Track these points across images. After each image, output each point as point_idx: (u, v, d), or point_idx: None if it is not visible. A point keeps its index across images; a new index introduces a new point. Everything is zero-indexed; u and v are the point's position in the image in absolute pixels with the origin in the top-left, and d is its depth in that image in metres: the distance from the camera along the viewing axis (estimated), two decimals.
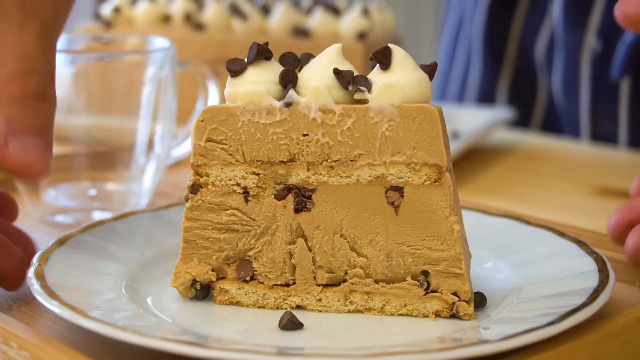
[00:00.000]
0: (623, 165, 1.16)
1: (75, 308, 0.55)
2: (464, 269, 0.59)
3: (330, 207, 0.61)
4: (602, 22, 1.22)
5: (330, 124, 0.60)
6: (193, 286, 0.63)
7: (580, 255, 0.64)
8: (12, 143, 0.62)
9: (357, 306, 0.61)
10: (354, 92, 0.60)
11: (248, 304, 0.63)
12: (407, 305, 0.60)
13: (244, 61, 0.61)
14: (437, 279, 0.60)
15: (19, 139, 0.62)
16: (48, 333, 0.58)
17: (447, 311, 0.59)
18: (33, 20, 0.64)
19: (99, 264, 0.65)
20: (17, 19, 0.64)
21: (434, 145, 0.58)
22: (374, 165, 0.60)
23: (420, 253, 0.60)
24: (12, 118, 0.62)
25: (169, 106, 0.86)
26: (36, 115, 0.64)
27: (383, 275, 0.61)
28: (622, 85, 1.22)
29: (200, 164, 0.62)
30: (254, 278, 0.63)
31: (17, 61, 0.63)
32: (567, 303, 0.56)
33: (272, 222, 0.62)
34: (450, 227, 0.59)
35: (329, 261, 0.61)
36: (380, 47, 0.60)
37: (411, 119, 0.59)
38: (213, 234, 0.63)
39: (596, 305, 0.55)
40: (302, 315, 0.60)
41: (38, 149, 0.63)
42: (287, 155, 0.61)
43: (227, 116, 0.61)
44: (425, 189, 0.59)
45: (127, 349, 0.56)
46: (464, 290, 0.59)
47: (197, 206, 0.62)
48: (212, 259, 0.63)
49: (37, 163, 0.63)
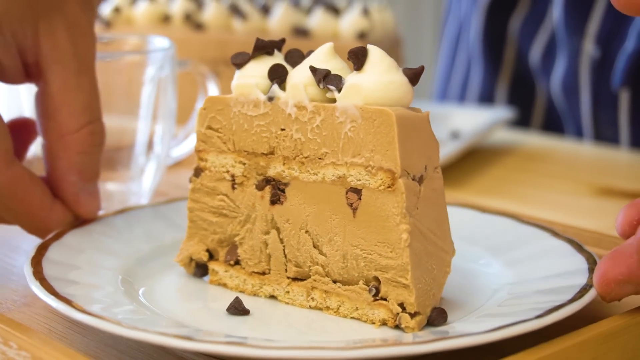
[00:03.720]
0: (624, 166, 1.16)
1: (69, 301, 0.55)
2: (410, 280, 0.57)
3: (299, 202, 0.61)
4: (600, 29, 1.22)
5: (302, 121, 0.60)
6: (190, 263, 0.66)
7: (571, 254, 0.64)
8: (82, 193, 0.68)
9: (317, 303, 0.61)
10: (327, 91, 0.60)
11: (231, 287, 0.65)
12: (358, 309, 0.60)
13: (247, 55, 0.63)
14: (386, 286, 0.58)
15: (86, 189, 0.68)
16: (48, 333, 0.58)
17: (392, 321, 0.58)
18: (86, 67, 0.68)
19: (96, 258, 0.66)
20: (74, 67, 0.67)
21: (389, 150, 0.57)
22: (337, 165, 0.59)
23: (372, 258, 0.58)
24: (84, 170, 0.68)
25: (169, 106, 0.86)
26: (98, 160, 0.69)
27: (339, 276, 0.60)
28: (622, 95, 1.22)
29: (201, 150, 0.65)
30: (238, 263, 0.65)
31: (83, 111, 0.67)
32: (556, 299, 0.56)
33: (253, 211, 0.63)
34: (399, 235, 0.57)
35: (296, 255, 0.62)
36: (356, 47, 0.59)
37: (371, 121, 0.57)
38: (209, 217, 0.65)
39: (583, 301, 0.55)
40: (273, 305, 0.62)
41: (98, 194, 0.70)
42: (267, 148, 0.62)
43: (223, 106, 0.63)
44: (380, 194, 0.57)
45: (126, 349, 0.56)
46: (409, 302, 0.57)
47: (197, 189, 0.66)
48: (208, 240, 0.66)
49: (99, 206, 0.70)
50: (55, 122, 0.67)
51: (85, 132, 0.67)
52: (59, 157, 0.68)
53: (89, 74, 0.68)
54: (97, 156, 0.69)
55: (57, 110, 0.67)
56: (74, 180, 0.68)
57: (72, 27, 0.67)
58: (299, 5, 1.28)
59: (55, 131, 0.67)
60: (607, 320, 0.55)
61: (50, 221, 0.67)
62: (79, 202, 0.68)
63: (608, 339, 0.54)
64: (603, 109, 1.25)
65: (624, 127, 1.24)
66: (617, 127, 1.24)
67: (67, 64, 0.67)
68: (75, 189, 0.68)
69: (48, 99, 0.67)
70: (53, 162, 0.68)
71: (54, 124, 0.67)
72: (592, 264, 0.61)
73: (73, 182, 0.68)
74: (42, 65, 0.67)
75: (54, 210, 0.67)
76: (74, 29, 0.67)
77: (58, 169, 0.68)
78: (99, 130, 0.69)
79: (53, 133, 0.68)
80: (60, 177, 0.68)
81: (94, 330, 0.58)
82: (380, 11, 1.28)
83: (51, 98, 0.67)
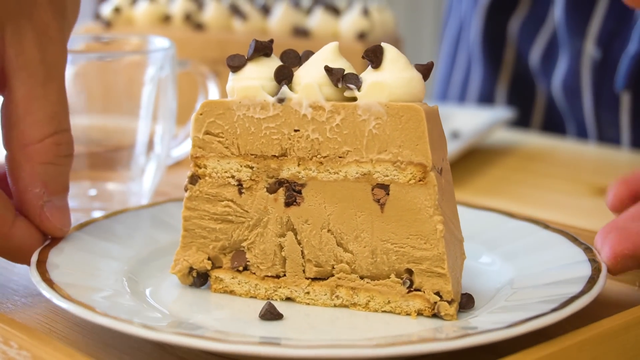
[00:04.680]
0: (624, 166, 1.16)
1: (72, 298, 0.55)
2: (447, 269, 0.59)
3: (319, 202, 0.61)
4: (601, 30, 1.22)
5: (320, 121, 0.60)
6: (190, 273, 0.65)
7: (569, 247, 0.65)
8: (47, 206, 0.64)
9: (343, 301, 0.62)
10: (344, 90, 0.60)
11: (241, 294, 0.64)
12: (391, 302, 0.61)
13: (243, 57, 0.62)
14: (420, 277, 0.60)
15: (52, 202, 0.64)
16: (48, 333, 0.58)
17: (429, 310, 0.60)
18: (53, 75, 0.65)
19: (96, 260, 0.65)
20: (41, 76, 0.64)
21: (419, 144, 0.59)
22: (361, 163, 0.60)
23: (404, 251, 0.60)
24: (48, 181, 0.64)
25: (169, 106, 0.86)
26: (66, 173, 0.65)
27: (368, 272, 0.61)
28: (623, 96, 1.22)
29: (198, 156, 0.64)
30: (247, 268, 0.64)
31: (49, 120, 0.64)
32: (564, 292, 0.57)
33: (264, 214, 0.63)
34: (433, 227, 0.59)
35: (317, 255, 0.62)
36: (372, 46, 0.60)
37: (398, 118, 0.59)
38: (210, 224, 0.64)
39: (593, 293, 0.56)
40: (291, 307, 0.61)
41: (66, 209, 0.66)
42: (279, 150, 0.62)
43: (224, 110, 0.62)
44: (410, 188, 0.59)
45: (127, 348, 0.56)
46: (447, 290, 0.59)
47: (195, 196, 0.64)
48: (209, 248, 0.64)
49: (67, 223, 0.66)
50: (18, 131, 0.63)
51: (49, 142, 0.64)
52: (21, 167, 0.63)
53: (57, 83, 0.65)
54: (64, 168, 0.65)
55: (20, 119, 0.63)
56: (37, 192, 0.63)
57: (41, 34, 0.64)
58: (299, 5, 1.28)
59: (17, 140, 0.63)
60: (607, 320, 0.55)
61: (12, 238, 0.63)
62: (43, 217, 0.64)
63: (608, 338, 0.55)
64: (604, 110, 1.25)
65: (625, 128, 1.24)
66: (619, 128, 1.24)
67: (33, 71, 0.63)
68: (40, 201, 0.63)
69: (12, 107, 0.64)
70: (16, 174, 0.64)
71: (17, 133, 0.63)
72: (590, 254, 0.63)
73: (37, 194, 0.63)
74: (7, 72, 0.64)
75: (17, 226, 0.63)
76: (43, 36, 0.64)
77: (21, 180, 0.64)
78: (65, 141, 0.65)
79: (15, 143, 0.64)
80: (24, 188, 0.64)
81: (94, 330, 0.58)
82: (380, 11, 1.29)
83: (15, 106, 0.63)
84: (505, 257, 0.67)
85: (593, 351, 0.54)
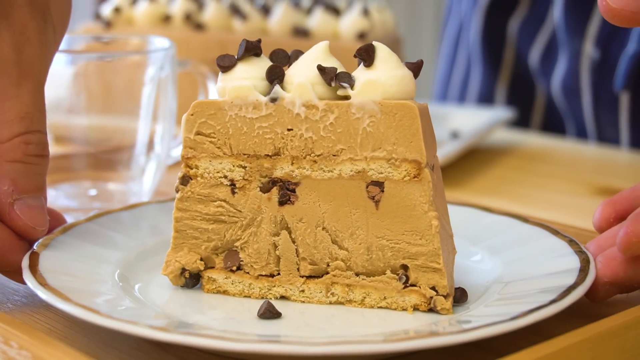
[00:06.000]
0: (624, 166, 1.16)
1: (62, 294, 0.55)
2: (442, 264, 0.59)
3: (313, 200, 0.62)
4: (600, 30, 1.22)
5: (313, 119, 0.61)
6: (182, 274, 0.64)
7: (552, 240, 0.66)
8: (18, 204, 0.63)
9: (339, 298, 0.62)
10: (337, 89, 0.60)
11: (234, 293, 0.64)
12: (387, 298, 0.61)
13: (233, 57, 0.62)
14: (415, 273, 0.60)
15: (24, 200, 0.63)
16: (48, 333, 0.58)
17: (425, 305, 0.60)
18: (28, 76, 0.64)
19: (98, 252, 0.66)
20: (14, 76, 0.63)
21: (413, 141, 0.59)
22: (356, 160, 0.60)
23: (400, 247, 0.60)
24: (17, 178, 0.63)
25: (169, 106, 0.86)
26: (38, 173, 0.64)
27: (363, 269, 0.61)
28: (622, 96, 1.22)
29: (190, 157, 0.64)
30: (240, 268, 0.64)
31: (19, 120, 0.63)
32: (557, 284, 0.58)
33: (258, 214, 0.63)
34: (428, 222, 0.59)
35: (312, 253, 0.62)
36: (364, 45, 0.60)
37: (391, 115, 0.59)
38: (202, 225, 0.64)
39: (587, 283, 0.57)
40: (285, 306, 0.61)
41: (40, 208, 0.64)
42: (272, 149, 0.62)
43: (215, 110, 0.62)
44: (405, 184, 0.59)
45: (127, 348, 0.56)
46: (442, 285, 0.59)
47: (186, 197, 0.64)
48: (201, 249, 0.64)
49: (41, 223, 0.64)
50: None
51: (18, 141, 0.63)
52: None
53: (33, 84, 0.64)
54: (35, 167, 0.64)
55: None
56: (5, 189, 0.62)
57: (17, 34, 0.63)
58: (299, 5, 1.28)
59: None
60: (607, 320, 0.55)
61: None
62: (13, 214, 0.62)
63: (607, 338, 0.55)
64: (604, 110, 1.25)
65: (625, 128, 1.24)
66: (618, 128, 1.24)
67: (7, 71, 0.63)
68: (9, 198, 0.62)
69: None
70: None
71: None
72: (575, 247, 0.64)
73: (5, 191, 0.62)
74: None
75: None
76: (19, 36, 0.63)
77: None
78: (36, 141, 0.64)
79: None
80: None
81: (94, 330, 0.58)
82: (380, 11, 1.29)
83: None
84: (490, 251, 0.68)
85: (593, 351, 0.54)
